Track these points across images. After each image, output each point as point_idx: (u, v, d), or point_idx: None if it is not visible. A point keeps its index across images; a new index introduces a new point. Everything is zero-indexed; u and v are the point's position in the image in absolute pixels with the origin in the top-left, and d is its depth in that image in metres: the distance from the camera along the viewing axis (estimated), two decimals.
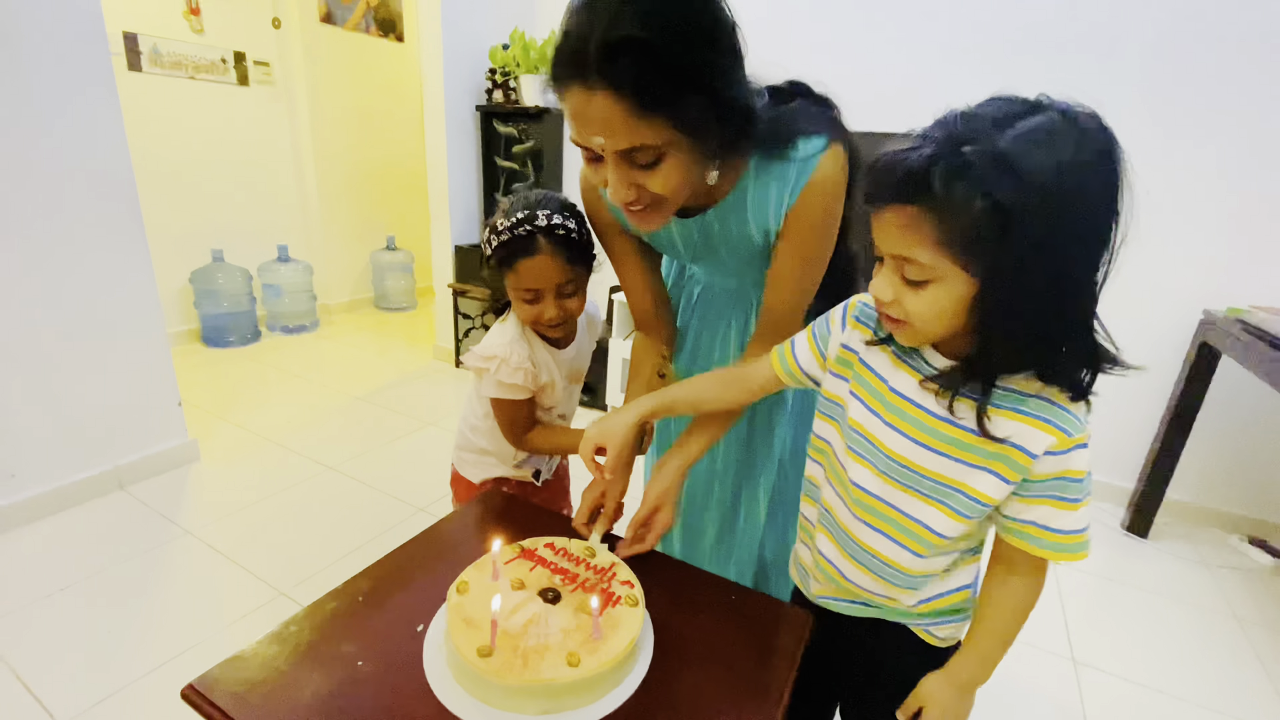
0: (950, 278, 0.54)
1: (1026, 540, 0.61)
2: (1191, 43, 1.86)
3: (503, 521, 0.92)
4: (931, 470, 0.63)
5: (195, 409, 2.45)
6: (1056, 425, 0.57)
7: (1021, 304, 0.52)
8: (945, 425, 0.61)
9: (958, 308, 0.55)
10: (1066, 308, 0.53)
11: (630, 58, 0.59)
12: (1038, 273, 0.50)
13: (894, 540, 0.67)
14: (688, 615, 0.74)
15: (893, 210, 0.55)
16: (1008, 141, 0.49)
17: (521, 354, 0.98)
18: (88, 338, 1.82)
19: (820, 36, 2.33)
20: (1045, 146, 0.49)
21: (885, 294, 0.59)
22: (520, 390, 0.98)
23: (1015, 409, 0.58)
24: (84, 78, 1.71)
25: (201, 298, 3.20)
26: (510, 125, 2.88)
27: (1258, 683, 1.50)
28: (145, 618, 1.46)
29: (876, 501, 0.67)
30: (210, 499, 1.93)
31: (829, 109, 0.79)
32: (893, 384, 0.65)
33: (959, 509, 0.62)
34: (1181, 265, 2.00)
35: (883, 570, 0.69)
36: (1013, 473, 0.59)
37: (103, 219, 1.80)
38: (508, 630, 0.63)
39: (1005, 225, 0.49)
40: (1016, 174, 0.48)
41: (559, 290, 0.94)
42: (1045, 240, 0.49)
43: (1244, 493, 2.10)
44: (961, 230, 0.51)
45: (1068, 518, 0.59)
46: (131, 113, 2.77)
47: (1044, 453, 0.57)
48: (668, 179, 0.68)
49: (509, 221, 0.91)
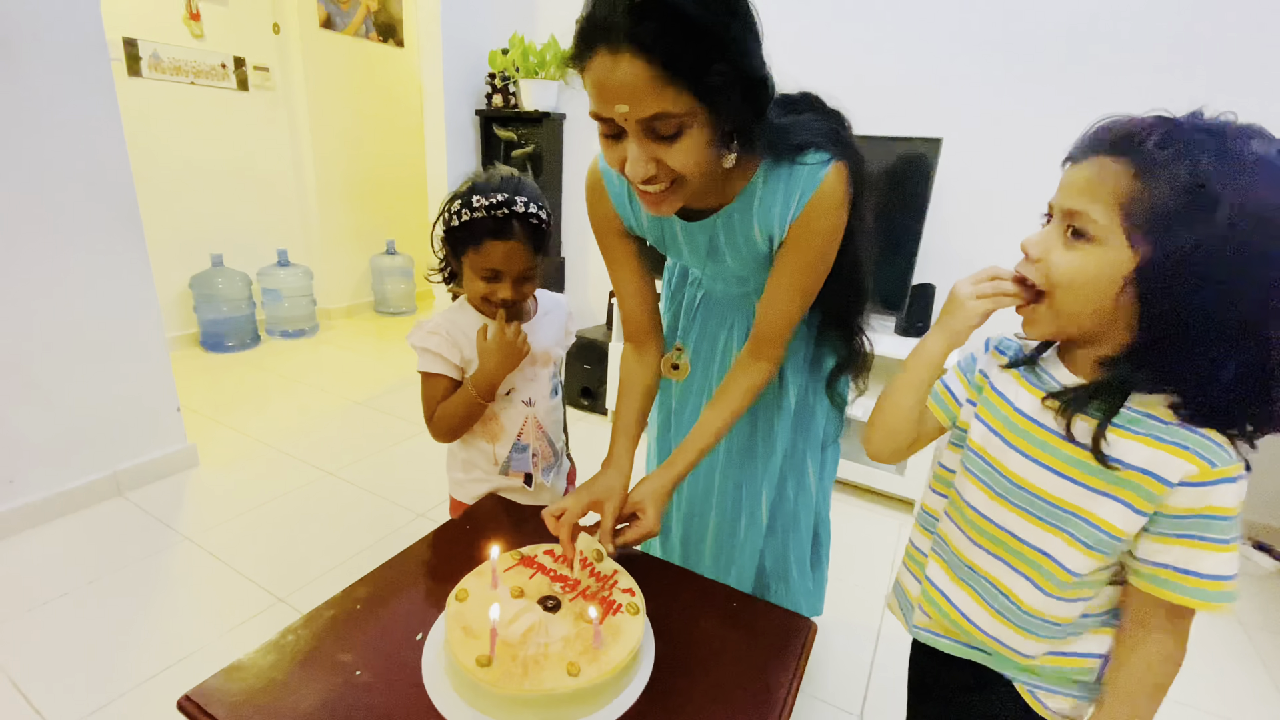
0: (1112, 244, 0.51)
1: (1162, 586, 0.55)
2: (1189, 38, 1.86)
3: (502, 528, 0.91)
4: (1051, 494, 0.58)
5: (194, 414, 2.44)
6: (1198, 454, 0.52)
7: (1179, 300, 0.49)
8: (1070, 447, 0.57)
9: (1104, 283, 0.52)
10: (1232, 325, 0.49)
11: (658, 19, 0.59)
12: (1208, 273, 0.47)
13: (1014, 569, 0.62)
14: (689, 623, 0.73)
15: (1091, 161, 0.54)
16: (1236, 145, 0.48)
17: (445, 321, 0.98)
18: (86, 343, 1.82)
19: (816, 39, 2.33)
20: (1271, 167, 0.47)
21: (1035, 249, 0.57)
22: (435, 359, 0.98)
23: (1151, 435, 0.53)
24: (83, 83, 1.70)
25: (201, 302, 3.19)
26: (510, 129, 2.88)
27: (1263, 688, 1.49)
28: (143, 624, 1.45)
29: (991, 525, 0.63)
30: (209, 505, 1.93)
31: (840, 123, 0.79)
32: (1016, 404, 0.63)
33: (1083, 539, 0.57)
34: None
35: (1002, 604, 0.63)
36: (1144, 502, 0.54)
37: (101, 224, 1.80)
38: (507, 639, 0.63)
39: (1197, 208, 0.47)
40: (1233, 172, 0.47)
41: (519, 275, 0.95)
42: (1230, 246, 0.47)
43: (1248, 496, 2.08)
44: (1153, 195, 0.49)
45: (1210, 560, 0.53)
46: (132, 118, 2.78)
47: (1180, 482, 0.52)
48: (688, 154, 0.67)
49: (487, 201, 0.91)
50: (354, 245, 3.99)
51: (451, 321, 1.00)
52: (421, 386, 1.01)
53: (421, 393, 1.02)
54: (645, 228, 0.90)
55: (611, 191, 0.89)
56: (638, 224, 0.90)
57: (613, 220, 0.92)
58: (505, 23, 2.87)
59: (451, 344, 0.99)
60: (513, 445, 1.05)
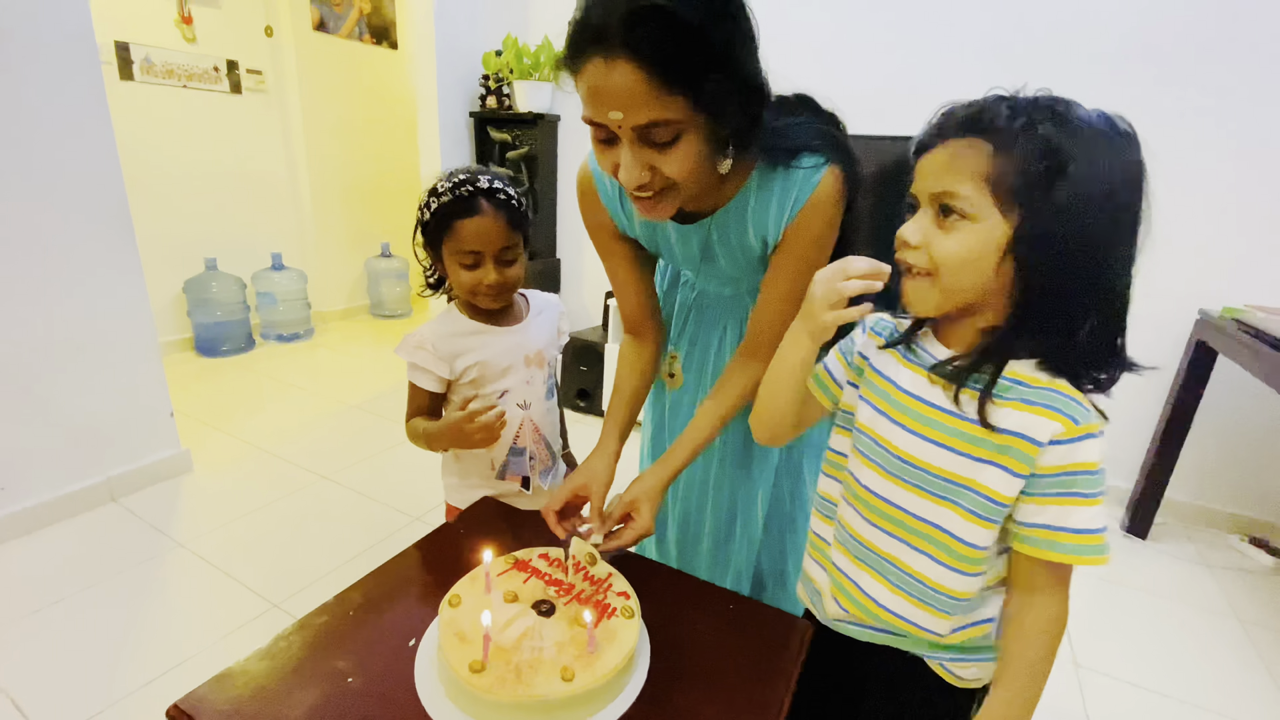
0: (987, 218, 0.54)
1: (1040, 546, 0.58)
2: (1189, 44, 1.87)
3: (496, 532, 0.90)
4: (938, 467, 0.61)
5: (188, 419, 2.43)
6: (1062, 412, 0.55)
7: (1054, 261, 0.53)
8: (952, 419, 0.60)
9: (986, 257, 0.55)
10: (1098, 281, 0.54)
11: (653, 27, 0.58)
12: (1074, 231, 0.52)
13: (914, 548, 0.63)
14: (685, 626, 0.73)
15: (948, 144, 0.56)
16: (1071, 113, 0.53)
17: (431, 333, 0.97)
18: (78, 348, 1.80)
19: (812, 38, 2.33)
20: (1100, 131, 0.53)
21: (914, 236, 0.58)
22: (419, 373, 0.97)
23: (1021, 400, 0.57)
24: (74, 87, 1.69)
25: (195, 306, 3.18)
26: (504, 131, 2.87)
27: (1261, 685, 1.49)
28: (137, 631, 1.44)
29: (887, 505, 0.65)
30: (203, 510, 1.91)
31: (835, 126, 0.79)
32: (898, 382, 0.65)
33: (973, 509, 0.59)
34: (1177, 265, 2.00)
35: (908, 584, 0.65)
36: (1021, 464, 0.56)
37: (93, 229, 1.79)
38: (501, 644, 0.62)
39: (1053, 171, 0.51)
40: (1074, 136, 0.51)
41: (499, 256, 0.94)
42: (1086, 200, 0.51)
43: (1243, 492, 2.10)
44: (1013, 166, 0.52)
45: (1082, 514, 0.56)
46: (124, 122, 2.77)
47: (1050, 441, 0.55)
48: (683, 161, 0.66)
49: (449, 183, 0.92)
50: (349, 248, 3.98)
51: (438, 333, 0.98)
52: (408, 392, 1.01)
53: (408, 397, 1.02)
54: (637, 229, 0.90)
55: (603, 193, 0.88)
56: (629, 226, 0.90)
57: (605, 221, 0.91)
58: (499, 24, 2.87)
59: (438, 358, 0.96)
60: (509, 449, 1.03)
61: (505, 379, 1.01)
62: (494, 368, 0.99)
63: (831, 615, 0.74)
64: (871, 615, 0.68)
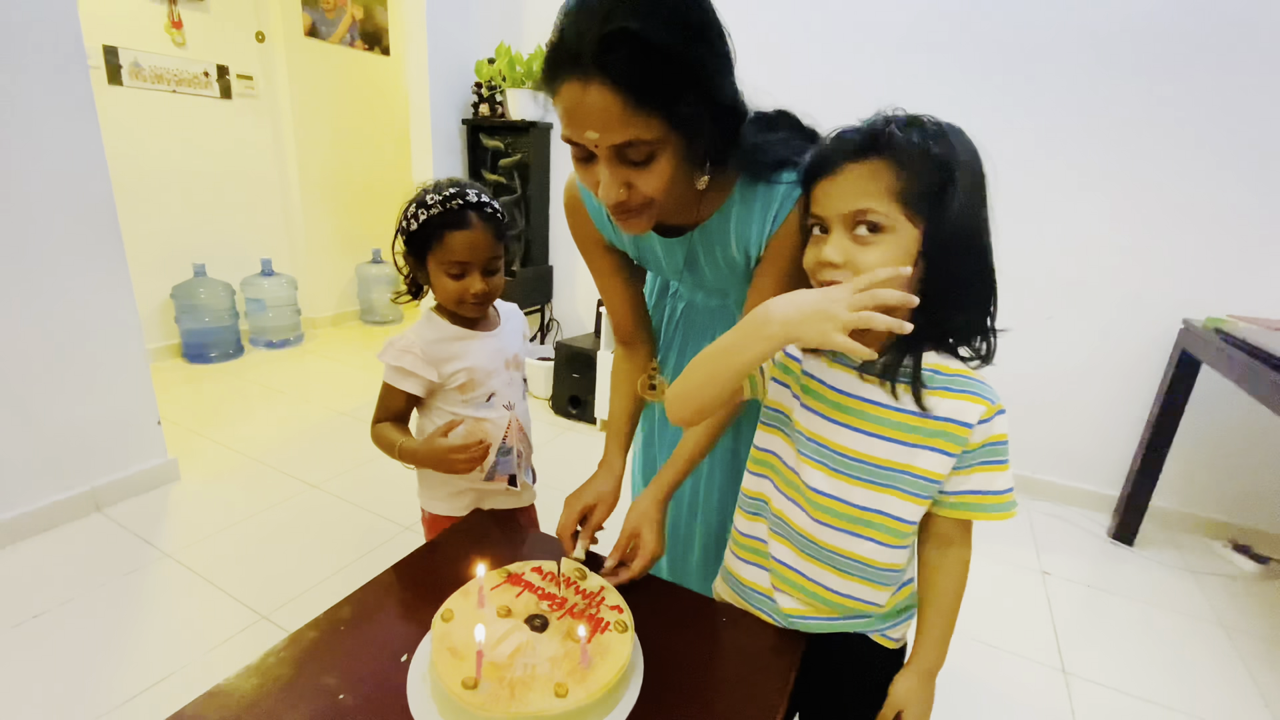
0: (900, 229, 0.60)
1: (967, 510, 0.67)
2: (1171, 54, 1.90)
3: (489, 546, 0.90)
4: (879, 458, 0.66)
5: (176, 427, 2.41)
6: (982, 395, 0.65)
7: (954, 255, 0.60)
8: (887, 411, 0.66)
9: (904, 262, 0.60)
10: (984, 264, 0.63)
11: (627, 50, 0.59)
12: (966, 227, 0.60)
13: (858, 535, 0.69)
14: (679, 640, 0.73)
15: (850, 168, 0.62)
16: (942, 124, 0.62)
17: (418, 338, 0.98)
18: (63, 355, 1.78)
19: (788, 52, 2.35)
20: (960, 134, 0.62)
21: (835, 256, 0.62)
22: (406, 377, 0.98)
23: (946, 388, 0.65)
24: (61, 91, 1.68)
25: (183, 312, 3.15)
26: (497, 139, 2.88)
27: (1245, 690, 1.50)
28: (122, 645, 1.42)
29: (834, 502, 0.69)
30: (190, 520, 1.89)
31: (815, 142, 0.79)
32: (832, 384, 0.69)
33: (911, 490, 0.66)
34: (1162, 276, 2.03)
35: (850, 567, 0.70)
36: (953, 445, 0.64)
37: (80, 234, 1.77)
38: (494, 660, 0.62)
39: (945, 179, 0.59)
40: (951, 144, 0.60)
41: (486, 266, 0.97)
42: (969, 199, 0.60)
43: (1227, 499, 2.13)
44: (915, 181, 0.59)
45: (1000, 478, 0.66)
46: (112, 126, 2.75)
47: (977, 422, 0.64)
48: (659, 178, 0.67)
49: (439, 196, 0.94)
50: (339, 254, 3.96)
51: (425, 338, 0.99)
52: (381, 393, 1.02)
53: (379, 398, 1.02)
54: (624, 241, 0.90)
55: (589, 206, 0.89)
56: (616, 238, 0.91)
57: (592, 234, 0.92)
58: (492, 32, 2.88)
59: (426, 362, 0.98)
60: (498, 450, 1.05)
61: (491, 382, 1.04)
62: (481, 371, 1.02)
63: (787, 610, 0.76)
64: (822, 600, 0.73)
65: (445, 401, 1.03)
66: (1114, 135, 2.00)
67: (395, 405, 1.01)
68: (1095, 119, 2.01)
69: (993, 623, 1.65)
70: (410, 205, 0.96)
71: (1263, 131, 1.84)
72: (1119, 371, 2.15)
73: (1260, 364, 1.48)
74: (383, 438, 1.00)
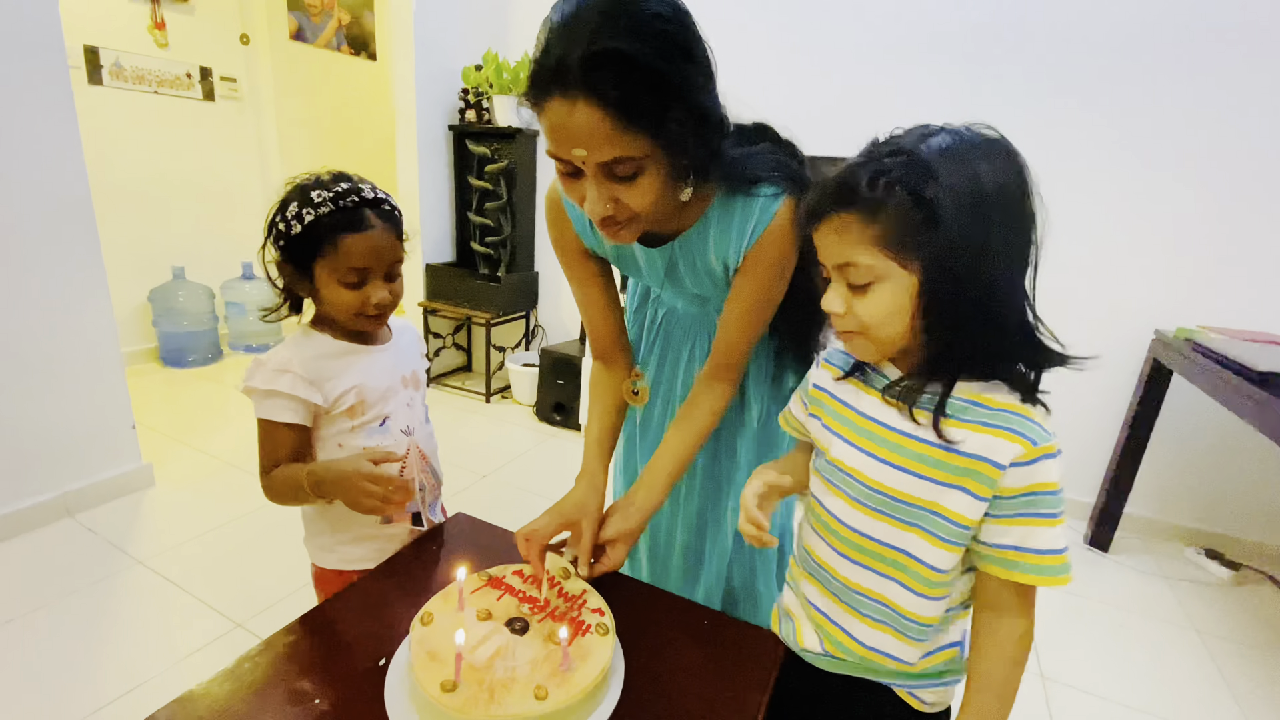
0: (892, 275, 0.57)
1: (1006, 566, 0.59)
2: (1147, 67, 1.95)
3: (469, 548, 0.89)
4: (903, 492, 0.61)
5: (151, 431, 2.36)
6: (1021, 434, 0.56)
7: (960, 295, 0.55)
8: (914, 443, 0.61)
9: (904, 305, 0.58)
10: (1002, 302, 0.56)
11: (613, 69, 0.59)
12: (969, 265, 0.54)
13: (883, 575, 0.64)
14: (660, 643, 0.73)
15: (829, 220, 0.59)
16: (922, 151, 0.55)
17: (294, 355, 0.83)
18: (36, 357, 1.75)
19: (767, 62, 2.38)
20: (955, 149, 0.55)
21: (837, 306, 0.61)
22: (285, 405, 0.81)
23: (980, 422, 0.58)
24: (39, 90, 1.66)
25: (160, 316, 3.10)
26: (483, 145, 2.88)
27: (1220, 695, 1.53)
28: (94, 653, 1.38)
29: (854, 534, 0.65)
30: (164, 527, 1.85)
31: (793, 155, 0.81)
32: (860, 409, 0.67)
33: (938, 533, 0.60)
34: (1134, 286, 2.08)
35: (878, 612, 0.65)
36: (983, 488, 0.57)
37: (56, 235, 1.74)
38: (473, 663, 0.61)
39: (930, 218, 0.53)
40: (930, 170, 0.53)
41: (388, 271, 0.86)
42: (969, 230, 0.53)
43: (1198, 506, 2.17)
44: (892, 226, 0.55)
45: (1045, 535, 0.57)
46: (92, 127, 2.71)
47: (1011, 464, 0.56)
48: (645, 193, 0.68)
49: (329, 193, 0.80)
50: None
51: (302, 356, 0.83)
52: (260, 436, 0.83)
53: (260, 443, 0.84)
54: (606, 249, 0.91)
55: (572, 214, 0.90)
56: (598, 245, 0.91)
57: (574, 241, 0.92)
58: (479, 39, 2.88)
59: (308, 384, 0.82)
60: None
61: (386, 403, 0.90)
62: (374, 391, 0.88)
63: (807, 647, 0.73)
64: (847, 651, 0.69)
65: (329, 427, 0.87)
66: (1084, 146, 2.05)
67: (284, 443, 0.84)
68: (1065, 130, 2.05)
69: None
70: (289, 204, 0.81)
71: (1232, 143, 1.90)
72: (1092, 381, 2.19)
73: (1231, 373, 1.51)
74: (285, 483, 0.82)
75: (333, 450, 0.87)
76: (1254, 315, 1.94)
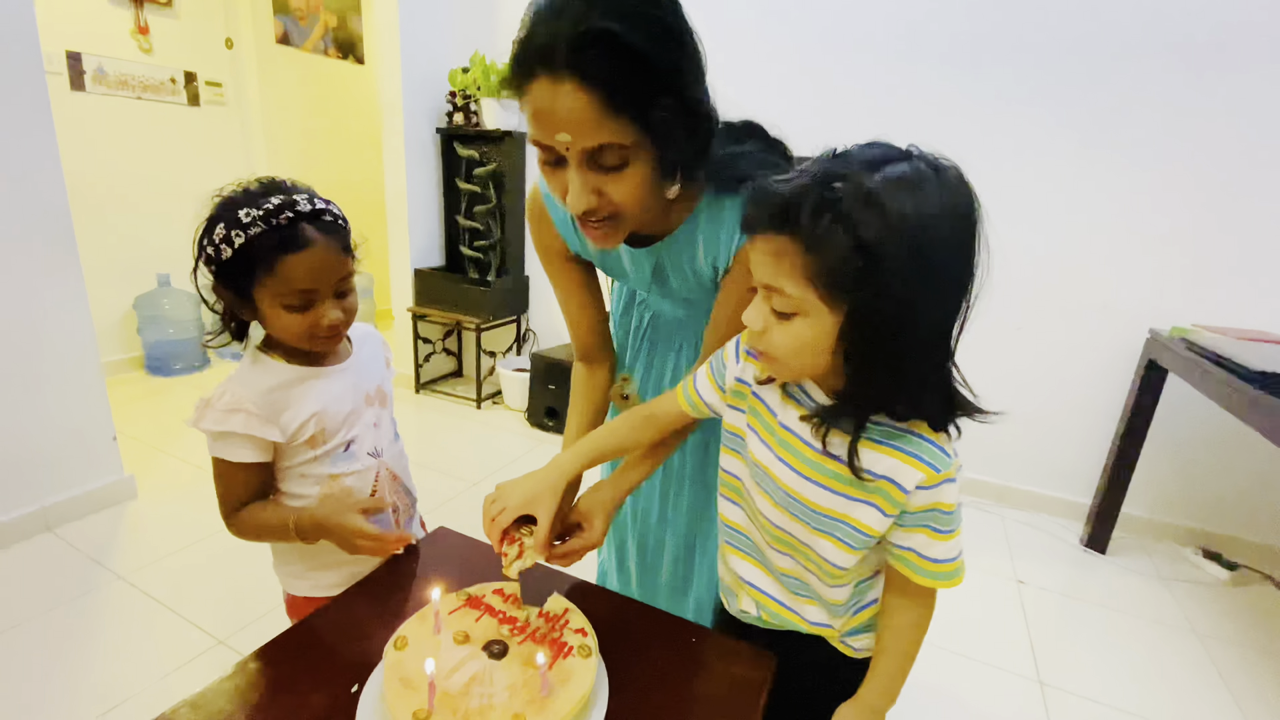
0: (815, 312, 0.55)
1: (907, 565, 0.64)
2: (1136, 69, 1.94)
3: (450, 565, 0.87)
4: (817, 503, 0.64)
5: (134, 442, 2.32)
6: (926, 461, 0.58)
7: (882, 344, 0.53)
8: (828, 460, 0.62)
9: (820, 343, 0.56)
10: (922, 357, 0.55)
11: (601, 50, 0.57)
12: (896, 317, 0.52)
13: (805, 566, 0.69)
14: (646, 662, 0.70)
15: (764, 238, 0.56)
16: (875, 182, 0.50)
17: (247, 391, 0.76)
18: (13, 367, 1.70)
19: (756, 59, 2.37)
20: (910, 191, 0.50)
21: (756, 323, 0.60)
22: (238, 445, 0.76)
23: (888, 444, 0.60)
24: (14, 96, 1.62)
25: (145, 324, 3.05)
26: (471, 148, 2.85)
27: (1220, 697, 1.51)
28: (73, 671, 1.34)
29: (779, 531, 0.68)
30: (146, 540, 1.81)
31: (782, 154, 0.79)
32: (781, 419, 0.67)
33: (847, 540, 0.63)
34: (1129, 286, 2.07)
35: (804, 589, 0.70)
36: (890, 506, 0.60)
37: (33, 243, 1.70)
38: (448, 690, 0.58)
39: (869, 264, 0.50)
40: (882, 213, 0.49)
41: (337, 289, 0.78)
42: (906, 283, 0.50)
43: (1195, 506, 2.16)
44: (827, 264, 0.52)
45: (940, 547, 0.62)
46: (74, 133, 2.67)
47: (915, 488, 0.59)
48: (631, 186, 0.65)
49: (258, 211, 0.71)
50: None
51: (254, 389, 0.77)
52: (216, 475, 0.79)
53: (216, 482, 0.79)
54: (590, 251, 0.89)
55: (555, 215, 0.87)
56: (582, 247, 0.89)
57: (557, 244, 0.90)
58: (466, 41, 2.86)
59: (263, 421, 0.76)
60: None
61: (350, 427, 0.84)
62: (335, 417, 0.83)
63: (745, 609, 0.77)
64: (781, 620, 0.74)
65: (290, 459, 0.81)
66: (1076, 146, 2.04)
67: (246, 482, 0.79)
68: (1058, 130, 2.04)
69: (967, 632, 1.64)
70: (216, 225, 0.73)
71: (1226, 141, 1.89)
72: (1088, 381, 2.18)
73: (1226, 373, 1.50)
74: (259, 524, 0.79)
75: (296, 480, 0.83)
76: (1249, 314, 1.93)
